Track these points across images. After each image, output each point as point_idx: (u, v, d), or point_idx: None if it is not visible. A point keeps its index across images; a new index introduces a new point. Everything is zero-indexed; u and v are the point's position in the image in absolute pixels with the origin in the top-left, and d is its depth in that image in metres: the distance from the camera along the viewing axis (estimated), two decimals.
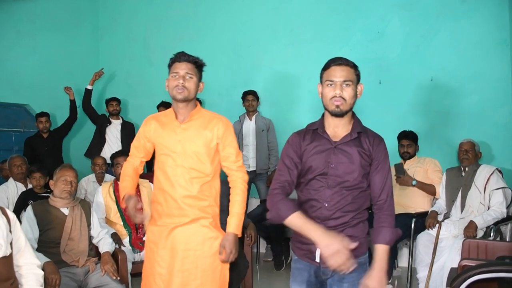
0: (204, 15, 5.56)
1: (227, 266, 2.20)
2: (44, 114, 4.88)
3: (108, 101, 5.29)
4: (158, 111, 5.10)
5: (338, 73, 1.76)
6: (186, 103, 2.14)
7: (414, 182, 3.80)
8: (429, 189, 3.81)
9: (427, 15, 4.43)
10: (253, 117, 4.75)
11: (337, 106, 1.76)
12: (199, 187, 2.12)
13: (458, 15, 4.30)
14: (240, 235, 2.17)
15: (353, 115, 1.86)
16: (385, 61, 4.61)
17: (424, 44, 4.44)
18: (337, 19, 4.85)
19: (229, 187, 2.23)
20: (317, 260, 1.79)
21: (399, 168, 3.90)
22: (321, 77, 1.85)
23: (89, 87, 5.32)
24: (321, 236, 1.64)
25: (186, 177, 2.11)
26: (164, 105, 5.04)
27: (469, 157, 3.56)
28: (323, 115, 1.88)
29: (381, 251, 1.76)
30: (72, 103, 5.20)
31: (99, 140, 5.15)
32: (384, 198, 1.81)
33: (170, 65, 2.15)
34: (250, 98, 4.74)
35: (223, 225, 2.21)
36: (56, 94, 5.39)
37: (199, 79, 2.17)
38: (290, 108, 5.01)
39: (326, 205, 1.79)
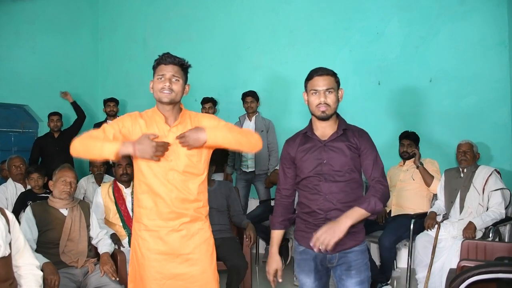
0: (204, 16, 5.56)
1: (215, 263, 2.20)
2: (56, 113, 4.98)
3: (105, 102, 5.32)
4: None
5: (321, 83, 1.97)
6: (172, 106, 2.07)
7: (420, 163, 3.82)
8: (428, 178, 3.78)
9: (426, 16, 4.44)
10: (253, 118, 4.74)
11: (323, 112, 1.97)
12: (194, 188, 2.09)
13: (457, 16, 4.32)
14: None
15: (337, 116, 2.07)
16: (384, 62, 4.62)
17: (423, 45, 4.45)
18: (336, 20, 4.85)
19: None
20: (311, 244, 1.92)
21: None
22: (305, 87, 2.05)
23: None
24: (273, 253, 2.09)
25: (179, 180, 2.06)
26: None
27: (467, 158, 3.57)
28: (311, 120, 2.08)
29: (352, 210, 1.88)
30: (74, 104, 5.26)
31: None
32: (377, 176, 1.97)
33: (155, 67, 2.07)
34: (249, 100, 4.73)
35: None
36: (56, 95, 5.39)
37: (185, 81, 2.09)
38: (290, 109, 5.01)
39: (327, 197, 1.97)
